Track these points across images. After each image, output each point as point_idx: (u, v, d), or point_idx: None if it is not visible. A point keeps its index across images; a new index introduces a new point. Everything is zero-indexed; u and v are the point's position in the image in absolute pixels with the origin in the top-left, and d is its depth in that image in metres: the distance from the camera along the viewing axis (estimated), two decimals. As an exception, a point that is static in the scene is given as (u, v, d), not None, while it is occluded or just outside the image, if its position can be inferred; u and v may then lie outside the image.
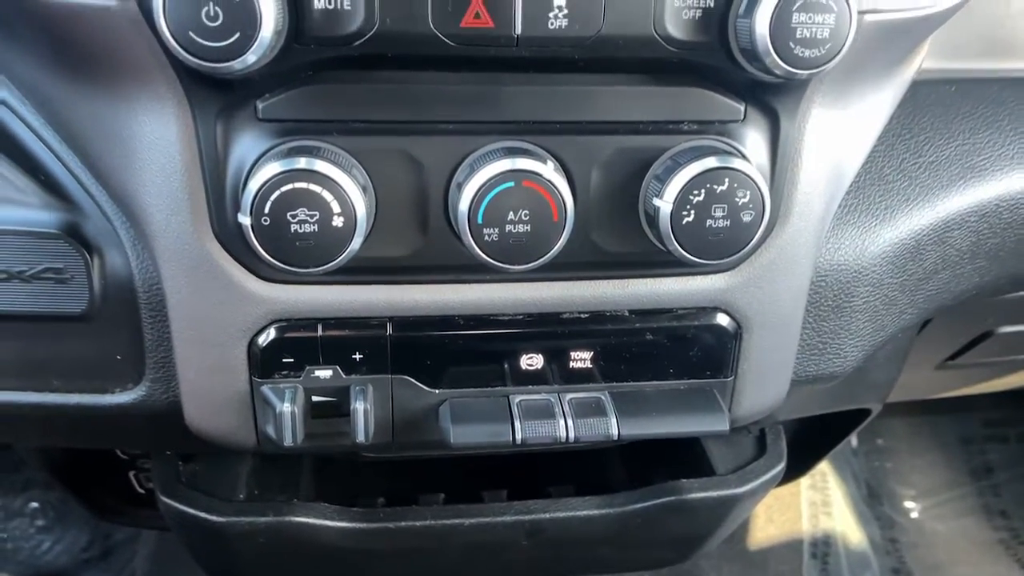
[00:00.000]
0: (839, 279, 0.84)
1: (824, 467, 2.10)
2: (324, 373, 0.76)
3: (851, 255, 0.83)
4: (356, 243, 0.66)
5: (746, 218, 0.69)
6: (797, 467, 1.35)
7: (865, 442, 2.24)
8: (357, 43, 0.63)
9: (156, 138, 0.69)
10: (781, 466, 1.02)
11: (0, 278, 0.74)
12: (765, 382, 0.84)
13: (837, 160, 0.78)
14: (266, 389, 0.75)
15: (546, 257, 0.68)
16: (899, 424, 2.28)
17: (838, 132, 0.77)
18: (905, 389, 1.40)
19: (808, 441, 1.32)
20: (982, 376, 1.47)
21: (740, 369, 0.82)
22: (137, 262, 0.75)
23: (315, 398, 0.76)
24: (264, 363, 0.75)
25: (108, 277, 0.75)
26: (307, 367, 0.75)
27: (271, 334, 0.74)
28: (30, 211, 0.74)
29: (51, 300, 0.75)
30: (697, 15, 0.65)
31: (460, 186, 0.68)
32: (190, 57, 0.58)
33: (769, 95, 0.71)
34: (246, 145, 0.67)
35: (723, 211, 0.68)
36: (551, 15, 0.64)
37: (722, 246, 0.69)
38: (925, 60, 0.89)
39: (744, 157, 0.71)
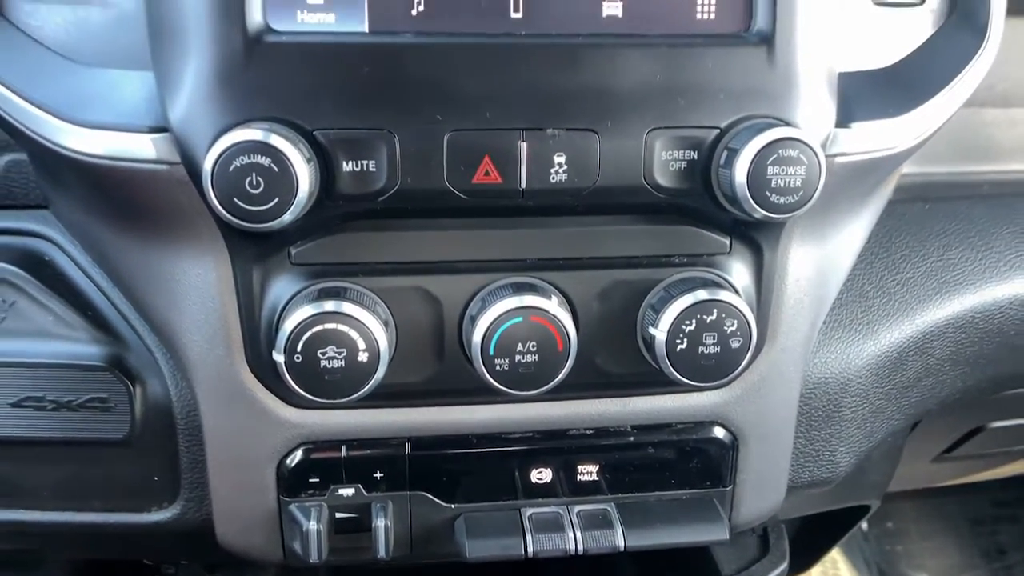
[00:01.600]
0: (827, 391, 0.90)
1: (835, 553, 2.11)
2: (347, 491, 0.81)
3: (837, 368, 0.89)
4: (379, 374, 0.72)
5: (735, 344, 0.75)
6: (805, 559, 1.38)
7: (875, 525, 2.24)
8: (381, 199, 0.71)
9: (198, 281, 0.76)
10: (784, 565, 1.06)
11: (50, 408, 0.81)
12: (762, 489, 0.89)
13: (819, 284, 0.85)
14: (293, 508, 0.81)
15: (552, 384, 0.74)
16: (908, 506, 2.29)
17: (818, 259, 0.84)
18: (906, 480, 1.44)
19: (814, 534, 1.35)
20: (980, 467, 1.51)
21: (738, 478, 0.87)
22: (176, 391, 0.81)
23: (338, 515, 0.82)
24: (292, 483, 0.81)
25: (149, 405, 0.82)
26: (331, 486, 0.81)
27: (299, 456, 0.80)
28: (79, 345, 0.81)
29: (95, 427, 0.81)
30: (683, 166, 0.73)
31: (473, 319, 0.74)
32: (234, 219, 0.66)
33: (752, 231, 0.78)
34: (279, 287, 0.75)
35: (713, 339, 0.74)
36: (552, 170, 0.72)
37: (714, 370, 0.75)
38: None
39: (732, 287, 0.78)
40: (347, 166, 0.69)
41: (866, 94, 0.80)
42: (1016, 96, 1.18)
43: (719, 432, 0.85)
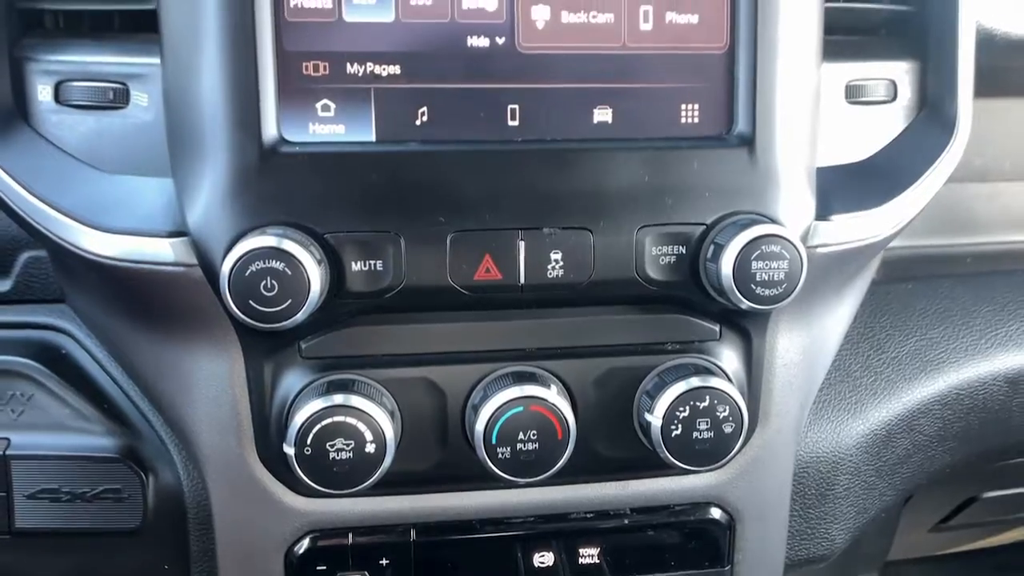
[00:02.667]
0: (819, 469, 0.92)
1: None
2: None
3: (828, 447, 0.92)
4: (386, 464, 0.75)
5: (727, 429, 0.78)
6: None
7: (878, 593, 2.23)
8: (387, 296, 0.74)
9: (211, 375, 0.79)
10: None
11: (64, 499, 0.83)
12: (760, 568, 0.91)
13: (807, 366, 0.89)
14: (301, 595, 0.82)
15: (552, 471, 0.77)
16: (912, 570, 2.28)
17: (805, 342, 0.88)
18: (905, 549, 1.45)
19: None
20: (978, 535, 1.52)
21: (736, 558, 0.89)
22: (188, 481, 0.84)
23: (346, 602, 0.83)
24: (299, 571, 0.82)
25: (161, 495, 0.84)
26: (338, 573, 0.83)
27: (306, 544, 0.82)
28: (94, 438, 0.84)
29: (109, 517, 0.84)
30: (672, 260, 0.77)
31: (476, 408, 0.77)
32: (249, 320, 0.69)
33: (740, 318, 0.82)
34: (290, 380, 0.78)
35: (707, 424, 0.78)
36: (549, 267, 0.76)
37: (708, 454, 0.78)
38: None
39: (723, 373, 0.81)
40: (356, 266, 0.73)
41: (843, 187, 0.85)
42: (993, 170, 1.24)
43: (716, 513, 0.88)
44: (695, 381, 0.78)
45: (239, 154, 0.72)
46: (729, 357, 0.83)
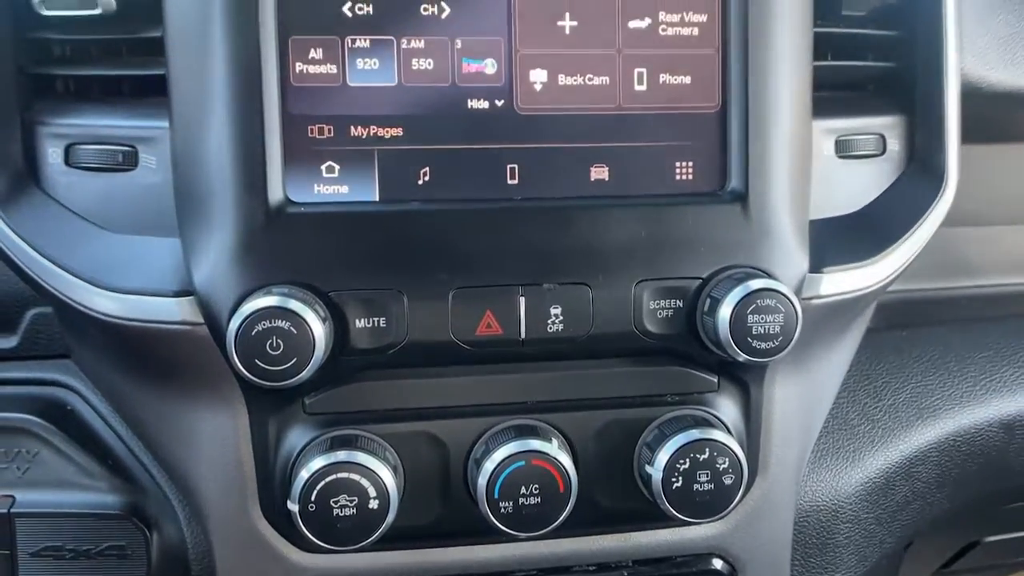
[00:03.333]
0: (819, 518, 0.93)
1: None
2: None
3: (828, 496, 0.93)
4: (389, 519, 0.75)
5: (727, 481, 0.79)
6: None
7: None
8: (391, 352, 0.76)
9: (215, 431, 0.80)
10: None
11: (68, 556, 0.83)
12: (763, 618, 0.91)
13: (805, 415, 0.90)
14: (304, 651, 0.82)
15: (554, 524, 0.77)
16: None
17: (803, 392, 0.89)
18: (908, 595, 1.44)
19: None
20: (981, 580, 1.51)
21: (738, 608, 0.89)
22: (191, 537, 0.84)
23: (348, 657, 0.83)
24: (303, 626, 0.82)
25: (165, 551, 0.84)
26: (342, 627, 0.83)
27: (309, 599, 0.82)
28: (99, 495, 0.84)
29: (112, 575, 0.84)
30: (669, 314, 0.79)
31: (478, 462, 0.78)
32: (255, 379, 0.71)
33: (738, 370, 0.83)
34: (294, 436, 0.79)
35: (707, 476, 0.78)
36: (549, 321, 0.77)
37: (709, 506, 0.79)
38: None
39: (722, 424, 0.82)
40: (360, 323, 0.75)
41: (836, 240, 0.87)
42: (985, 214, 1.26)
43: (718, 564, 0.88)
44: (695, 433, 0.79)
45: (246, 215, 0.74)
46: (728, 408, 0.84)
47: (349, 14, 0.76)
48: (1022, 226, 1.27)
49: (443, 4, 0.77)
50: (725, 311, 0.76)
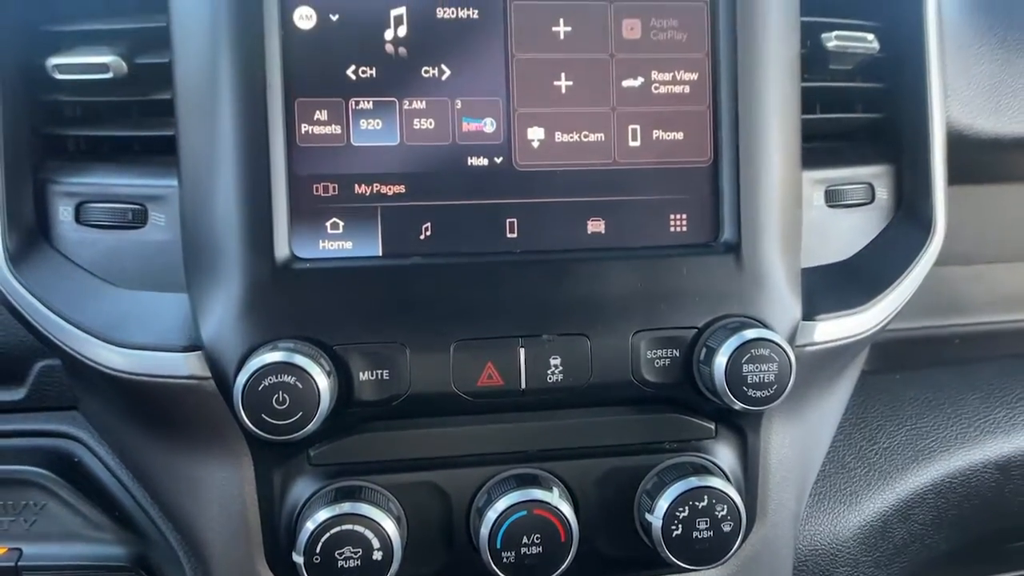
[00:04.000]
0: (818, 562, 0.94)
1: None
2: None
3: (826, 540, 0.94)
4: (393, 570, 0.76)
5: (726, 528, 0.80)
6: None
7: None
8: (394, 404, 0.77)
9: (221, 482, 0.81)
10: None
11: (75, 610, 0.84)
12: (764, 666, 0.91)
13: (802, 460, 0.91)
14: None
15: (556, 573, 0.78)
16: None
17: (799, 436, 0.91)
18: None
19: None
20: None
21: (740, 654, 0.90)
22: (197, 588, 0.85)
23: None
24: (307, 676, 0.83)
25: (170, 602, 0.85)
26: None
27: (314, 649, 0.83)
28: (106, 546, 0.86)
29: (118, 627, 0.84)
30: (667, 363, 0.81)
31: (480, 512, 0.79)
32: (262, 434, 0.72)
33: (735, 416, 0.85)
34: (299, 487, 0.80)
35: (706, 523, 0.79)
36: (549, 372, 0.79)
37: (708, 553, 0.80)
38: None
39: (720, 471, 0.83)
40: (364, 376, 0.76)
41: (827, 288, 0.89)
42: (976, 254, 1.28)
43: (718, 609, 0.89)
44: (693, 481, 0.80)
45: (252, 271, 0.76)
46: (725, 454, 0.85)
47: (353, 77, 0.78)
48: (1010, 264, 1.30)
49: (443, 66, 0.79)
50: (721, 360, 0.77)
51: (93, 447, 0.91)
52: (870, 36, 0.92)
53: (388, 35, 0.79)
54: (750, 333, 0.77)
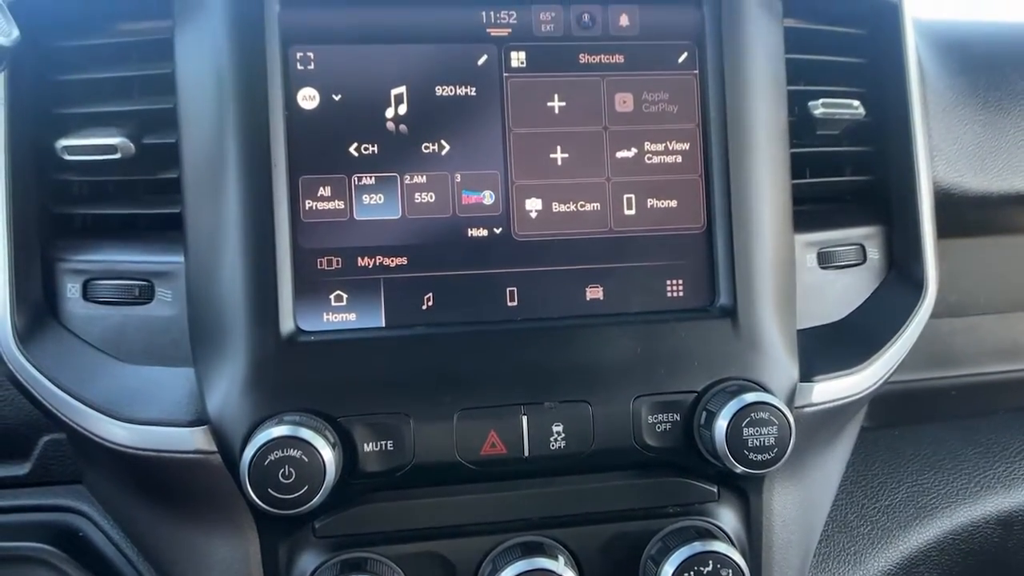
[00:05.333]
0: (825, 624, 0.93)
1: None
2: None
3: (832, 601, 0.94)
4: (399, 641, 0.76)
5: (732, 593, 0.80)
6: None
7: None
8: (399, 474, 0.78)
9: (226, 555, 0.81)
10: None
11: None
12: None
13: (804, 520, 0.91)
14: None
15: (564, 644, 0.78)
16: None
17: (801, 497, 0.91)
18: None
19: None
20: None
21: None
22: (202, 663, 0.84)
23: None
24: None
25: None
26: None
27: None
28: (110, 624, 0.85)
29: None
30: (667, 428, 0.82)
31: (485, 582, 0.79)
32: (268, 508, 0.72)
33: (737, 479, 0.85)
34: (305, 560, 0.80)
35: (711, 588, 0.80)
36: (551, 439, 0.80)
37: (715, 618, 0.80)
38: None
39: (724, 534, 0.84)
40: (368, 447, 0.77)
41: (824, 349, 0.90)
42: (968, 305, 1.30)
43: (726, 674, 0.88)
44: (697, 546, 0.80)
45: (258, 346, 0.77)
46: (728, 517, 0.86)
47: (355, 154, 0.81)
48: (1002, 315, 1.31)
49: (443, 142, 0.82)
50: (721, 424, 0.78)
51: (98, 521, 0.91)
52: (856, 102, 0.95)
53: (389, 113, 0.81)
54: (749, 397, 0.79)
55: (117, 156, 0.84)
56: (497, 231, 0.83)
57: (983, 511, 1.01)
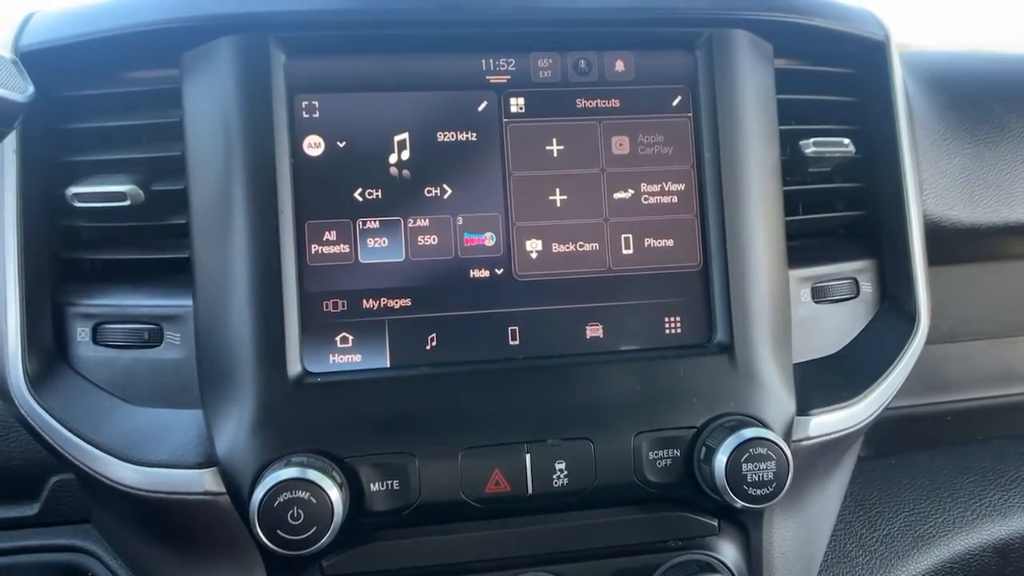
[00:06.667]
0: (827, 655, 0.94)
1: None
2: None
3: (833, 632, 0.95)
4: None
5: (734, 625, 0.81)
6: None
7: None
8: (404, 513, 0.79)
9: (235, 595, 0.82)
10: None
11: None
12: None
13: (804, 552, 0.93)
14: None
15: None
16: None
17: (801, 528, 0.92)
18: None
19: None
20: None
21: None
22: None
23: None
24: None
25: None
26: None
27: None
28: (118, 664, 0.86)
29: None
30: (668, 463, 0.83)
31: (491, 619, 0.81)
32: (277, 549, 0.74)
33: (737, 513, 0.87)
34: (312, 598, 0.81)
35: (713, 622, 0.81)
36: (554, 476, 0.81)
37: (717, 652, 0.81)
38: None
39: (725, 567, 0.85)
40: (374, 487, 0.79)
41: (819, 382, 0.92)
42: (962, 332, 1.32)
43: None
44: (699, 580, 0.82)
45: (266, 388, 0.79)
46: (729, 550, 0.87)
47: (360, 199, 0.83)
48: (993, 340, 1.33)
49: (445, 186, 0.84)
50: (720, 459, 0.80)
51: (106, 560, 0.92)
52: (846, 140, 0.98)
53: (392, 159, 0.84)
54: (748, 432, 0.80)
55: (127, 203, 0.85)
56: (499, 272, 0.85)
57: (980, 539, 1.03)
